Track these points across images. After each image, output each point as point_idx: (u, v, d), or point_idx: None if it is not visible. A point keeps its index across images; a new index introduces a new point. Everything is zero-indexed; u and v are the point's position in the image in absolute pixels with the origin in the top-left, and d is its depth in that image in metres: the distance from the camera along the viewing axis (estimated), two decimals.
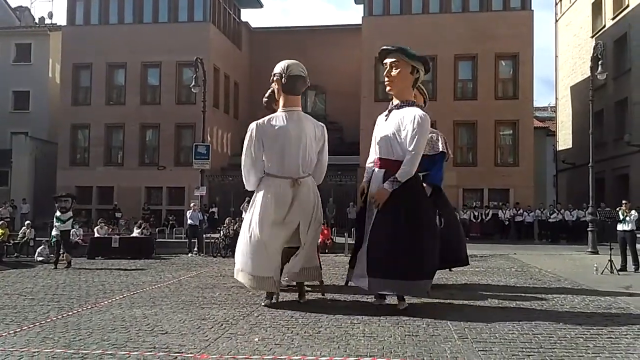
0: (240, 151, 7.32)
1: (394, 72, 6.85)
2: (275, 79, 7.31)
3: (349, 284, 7.08)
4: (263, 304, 6.82)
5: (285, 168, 7.02)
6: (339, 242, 18.49)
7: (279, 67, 7.31)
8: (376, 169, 6.96)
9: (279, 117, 7.17)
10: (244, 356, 4.52)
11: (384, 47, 7.08)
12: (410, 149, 6.54)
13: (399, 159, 6.63)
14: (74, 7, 29.82)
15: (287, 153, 7.05)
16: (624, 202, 12.85)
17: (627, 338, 5.12)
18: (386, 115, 6.96)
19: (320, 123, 7.63)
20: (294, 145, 7.04)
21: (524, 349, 4.71)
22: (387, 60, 6.93)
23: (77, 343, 5.01)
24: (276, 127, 7.05)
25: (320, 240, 17.70)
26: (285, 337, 5.14)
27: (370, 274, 6.41)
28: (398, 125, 6.69)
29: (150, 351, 4.68)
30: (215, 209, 25.15)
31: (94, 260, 15.10)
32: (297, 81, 7.29)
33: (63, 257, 13.10)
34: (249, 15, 65.39)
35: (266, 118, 7.23)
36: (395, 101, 6.94)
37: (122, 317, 6.24)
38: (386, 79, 6.97)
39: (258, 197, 7.07)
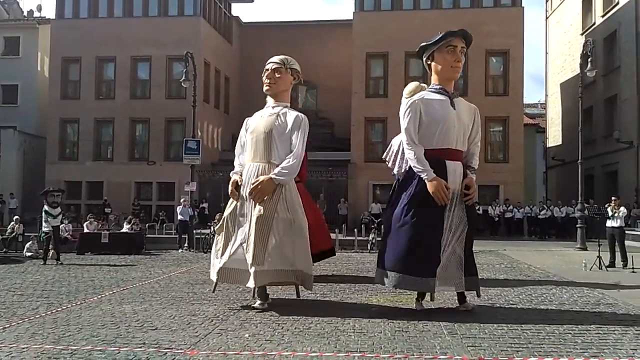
0: (231, 146, 7.29)
1: (463, 59, 6.38)
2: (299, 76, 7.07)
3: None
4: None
5: None
6: None
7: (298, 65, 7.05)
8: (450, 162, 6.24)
9: None
10: (234, 352, 4.52)
11: (464, 30, 6.40)
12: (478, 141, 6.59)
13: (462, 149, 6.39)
14: (63, 0, 29.58)
15: None
16: (613, 198, 12.93)
17: (615, 334, 5.16)
18: (452, 105, 6.25)
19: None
20: None
21: (512, 345, 4.74)
22: (459, 44, 6.28)
23: (67, 339, 4.98)
24: None
25: None
26: (276, 333, 5.14)
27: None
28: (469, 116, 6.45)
29: (140, 347, 4.67)
30: (205, 205, 25.09)
31: (84, 255, 15.03)
32: None
33: (50, 253, 13.01)
34: (239, 10, 65.01)
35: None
36: (450, 90, 6.38)
37: (112, 313, 6.22)
38: (459, 63, 6.29)
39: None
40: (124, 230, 17.69)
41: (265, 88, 6.77)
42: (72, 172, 28.01)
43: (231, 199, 6.60)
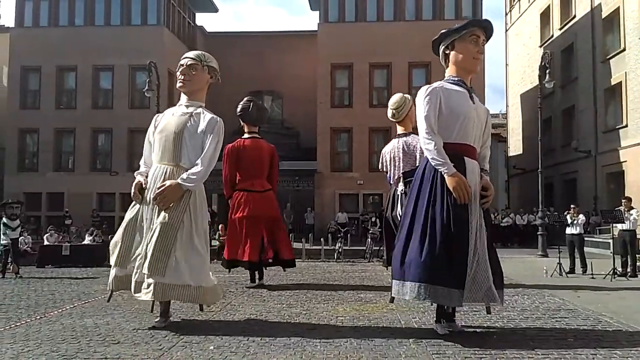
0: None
1: (483, 51, 5.87)
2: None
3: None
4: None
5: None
6: (296, 247, 18.47)
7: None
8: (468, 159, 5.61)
9: None
10: None
11: (488, 20, 5.97)
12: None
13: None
14: (22, 8, 29.09)
15: None
16: (572, 206, 13.27)
17: (575, 339, 5.27)
18: (471, 99, 5.67)
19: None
20: None
21: (476, 352, 4.80)
22: (482, 36, 5.79)
23: (26, 354, 4.85)
24: None
25: None
26: (241, 345, 5.09)
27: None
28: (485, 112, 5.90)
29: None
30: None
31: (44, 268, 14.67)
32: None
33: (10, 266, 12.70)
34: (204, 20, 64.72)
35: None
36: (468, 83, 5.85)
37: (73, 327, 6.07)
38: (480, 55, 5.82)
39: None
40: (85, 242, 17.35)
41: (178, 85, 6.12)
42: (32, 184, 27.41)
43: (134, 202, 6.09)
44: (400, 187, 9.12)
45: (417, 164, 8.92)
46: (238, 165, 9.36)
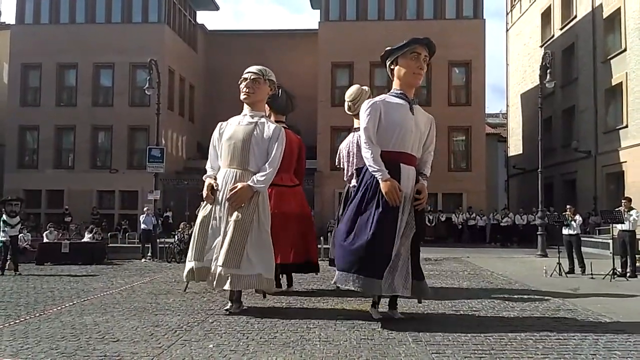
0: (196, 154, 7.15)
1: (425, 67, 6.38)
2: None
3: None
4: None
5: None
6: None
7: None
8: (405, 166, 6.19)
9: None
10: None
11: (428, 39, 6.36)
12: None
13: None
14: (23, 5, 29.04)
15: None
16: (568, 206, 13.27)
17: (574, 339, 5.28)
18: (411, 111, 6.24)
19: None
20: None
21: (475, 351, 4.80)
22: (423, 52, 6.28)
23: (25, 352, 4.85)
24: None
25: None
26: (241, 343, 5.10)
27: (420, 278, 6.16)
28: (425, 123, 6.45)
29: (101, 359, 4.58)
30: (169, 213, 24.78)
31: (43, 266, 14.66)
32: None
33: (7, 264, 12.70)
34: (204, 18, 64.68)
35: None
36: (410, 96, 6.41)
37: (72, 324, 6.08)
38: (421, 70, 6.32)
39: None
40: (85, 239, 17.32)
41: (243, 96, 6.87)
42: (32, 181, 27.39)
43: (205, 202, 6.73)
44: (353, 183, 8.73)
45: None
46: None
